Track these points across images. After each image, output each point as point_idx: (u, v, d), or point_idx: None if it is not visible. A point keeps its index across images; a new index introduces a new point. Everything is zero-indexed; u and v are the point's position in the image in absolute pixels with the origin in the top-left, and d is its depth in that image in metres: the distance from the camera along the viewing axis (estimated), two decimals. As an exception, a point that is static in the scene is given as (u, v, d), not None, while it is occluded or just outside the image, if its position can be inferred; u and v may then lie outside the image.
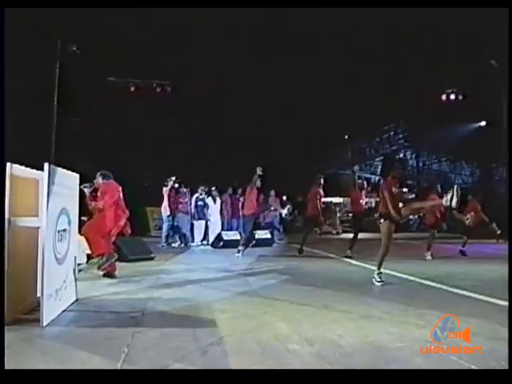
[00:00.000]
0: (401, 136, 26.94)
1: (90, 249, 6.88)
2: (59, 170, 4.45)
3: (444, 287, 6.23)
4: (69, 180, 4.94)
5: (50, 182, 4.10)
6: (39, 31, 16.04)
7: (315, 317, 4.54)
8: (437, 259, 10.04)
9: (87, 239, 6.75)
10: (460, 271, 8.02)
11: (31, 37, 16.15)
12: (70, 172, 4.98)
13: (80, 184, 5.69)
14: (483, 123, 20.66)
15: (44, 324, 4.00)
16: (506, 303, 4.89)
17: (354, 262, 9.35)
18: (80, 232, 7.84)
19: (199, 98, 20.50)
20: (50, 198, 4.11)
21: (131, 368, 3.07)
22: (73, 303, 5.02)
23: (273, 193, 14.45)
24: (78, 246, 8.40)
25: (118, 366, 3.10)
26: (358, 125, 25.26)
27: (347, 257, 9.88)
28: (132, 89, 19.38)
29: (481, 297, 5.49)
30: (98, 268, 6.64)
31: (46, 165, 4.08)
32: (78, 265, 8.25)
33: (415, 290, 6.29)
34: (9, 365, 3.01)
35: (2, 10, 4.90)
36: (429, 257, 10.13)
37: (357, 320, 4.38)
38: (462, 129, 21.63)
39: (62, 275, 4.67)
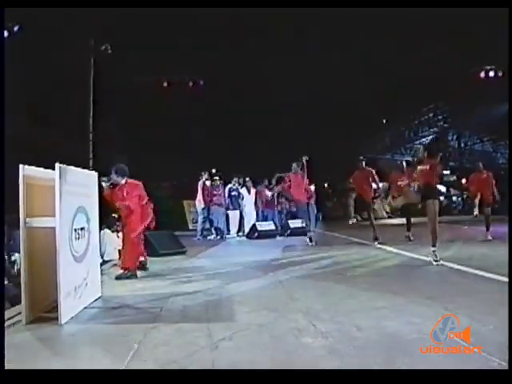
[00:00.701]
0: (440, 117, 26.07)
1: (121, 257, 7.09)
2: (73, 169, 4.48)
3: (476, 272, 5.96)
4: (85, 178, 4.98)
5: (62, 182, 4.13)
6: (68, 31, 16.20)
7: (337, 307, 4.42)
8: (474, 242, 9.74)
9: (124, 246, 6.95)
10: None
11: (60, 37, 16.31)
12: (85, 170, 5.02)
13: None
14: (525, 100, 19.67)
15: (62, 322, 4.05)
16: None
17: (388, 248, 9.10)
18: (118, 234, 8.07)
19: (233, 91, 20.39)
20: (64, 198, 4.15)
21: (137, 366, 3.06)
22: (96, 300, 5.07)
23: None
24: (109, 242, 8.74)
25: (125, 363, 3.10)
26: (395, 108, 24.62)
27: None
28: (165, 84, 19.50)
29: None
30: (116, 278, 6.61)
31: (57, 165, 4.09)
32: (109, 261, 8.52)
33: (446, 276, 6.04)
34: (17, 363, 3.05)
35: (2, 10, 4.96)
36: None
37: (379, 310, 4.23)
38: (503, 107, 20.67)
39: (82, 273, 4.72)
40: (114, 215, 8.94)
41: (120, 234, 9.00)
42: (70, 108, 17.58)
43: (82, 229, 4.71)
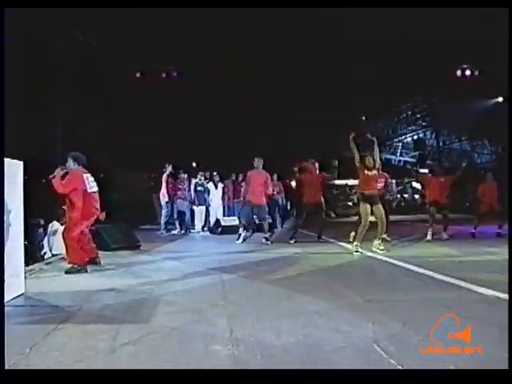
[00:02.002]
0: (418, 116, 25.97)
1: (66, 253, 6.73)
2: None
3: (429, 273, 5.70)
4: (5, 167, 4.56)
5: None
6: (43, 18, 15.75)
7: (267, 310, 4.12)
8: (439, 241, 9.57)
9: (64, 243, 6.67)
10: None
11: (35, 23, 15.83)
12: (8, 159, 4.61)
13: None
14: (500, 99, 19.64)
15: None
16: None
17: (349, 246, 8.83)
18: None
19: (204, 83, 20.07)
20: None
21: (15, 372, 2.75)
22: (16, 297, 4.70)
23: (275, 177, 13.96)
24: (58, 235, 8.32)
25: (6, 367, 2.82)
26: (374, 105, 24.47)
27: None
28: (137, 75, 19.08)
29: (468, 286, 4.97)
30: (66, 273, 6.31)
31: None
32: (57, 255, 8.13)
33: (398, 277, 5.77)
34: None
35: (2, 10, 4.74)
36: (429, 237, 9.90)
37: (311, 315, 3.93)
38: (480, 105, 20.60)
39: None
40: (64, 207, 8.55)
41: None
42: (43, 95, 17.08)
43: None
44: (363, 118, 26.80)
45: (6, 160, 4.60)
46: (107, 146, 18.81)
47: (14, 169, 4.82)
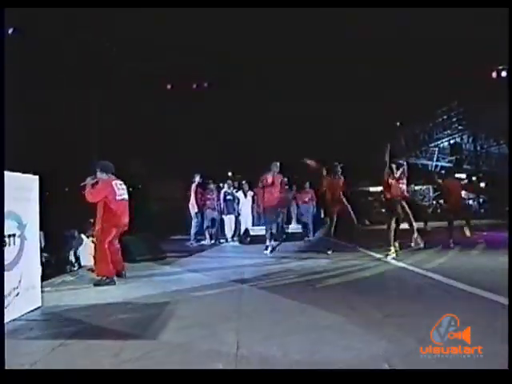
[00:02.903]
0: (454, 120, 25.27)
1: (94, 265, 6.81)
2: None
3: (459, 285, 5.40)
4: (18, 182, 4.61)
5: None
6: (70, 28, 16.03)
7: (279, 325, 3.98)
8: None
9: (94, 254, 6.83)
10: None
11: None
12: (21, 174, 4.66)
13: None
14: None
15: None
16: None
17: (376, 255, 8.59)
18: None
19: (234, 93, 20.09)
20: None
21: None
22: (32, 311, 4.70)
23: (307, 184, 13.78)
24: (84, 248, 8.39)
25: None
26: (409, 111, 23.98)
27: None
28: (168, 86, 19.25)
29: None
30: (95, 285, 6.32)
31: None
32: (83, 267, 8.16)
33: (427, 290, 5.49)
34: None
35: (2, 10, 4.83)
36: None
37: (322, 330, 3.77)
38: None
39: (11, 282, 4.35)
40: (90, 220, 8.62)
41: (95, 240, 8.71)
42: (73, 109, 17.41)
43: (12, 235, 4.38)
44: (398, 123, 26.30)
45: (21, 175, 4.65)
46: (143, 157, 19.01)
47: (29, 183, 4.85)
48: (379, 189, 23.69)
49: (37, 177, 4.99)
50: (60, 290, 6.10)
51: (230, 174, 20.20)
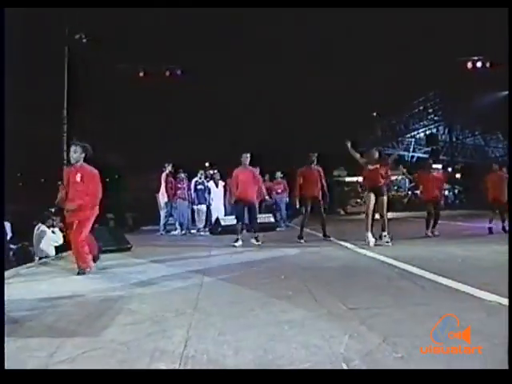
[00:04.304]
0: (430, 111, 25.31)
1: (76, 258, 6.31)
2: None
3: (429, 276, 5.20)
4: None
5: None
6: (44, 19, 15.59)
7: (235, 320, 3.71)
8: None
9: (74, 248, 6.32)
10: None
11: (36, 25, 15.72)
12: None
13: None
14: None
15: None
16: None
17: (349, 245, 8.42)
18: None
19: (207, 81, 19.70)
20: None
21: None
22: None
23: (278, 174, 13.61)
24: (44, 239, 8.02)
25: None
26: (385, 101, 23.92)
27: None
28: (141, 74, 18.78)
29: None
30: (78, 274, 6.08)
31: None
32: (45, 257, 7.83)
33: (396, 280, 5.27)
34: None
35: (2, 10, 4.75)
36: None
37: (281, 325, 3.50)
38: (493, 98, 19.85)
39: None
40: (50, 209, 8.26)
41: (56, 230, 8.34)
42: (45, 96, 16.97)
43: None
44: (374, 114, 26.22)
45: None
46: (119, 148, 18.61)
47: None
48: (355, 179, 23.73)
49: None
50: (11, 283, 5.75)
51: (206, 164, 19.88)
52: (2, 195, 3.96)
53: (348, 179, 23.81)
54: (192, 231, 12.88)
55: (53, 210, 8.23)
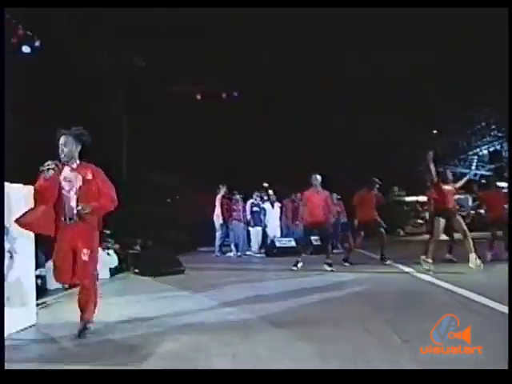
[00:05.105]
0: (493, 127, 24.23)
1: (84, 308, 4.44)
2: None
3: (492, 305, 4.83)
4: (6, 192, 4.28)
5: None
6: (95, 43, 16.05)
7: (279, 350, 3.54)
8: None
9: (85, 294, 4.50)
10: None
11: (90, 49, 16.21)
12: (9, 184, 4.34)
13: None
14: None
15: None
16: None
17: (407, 269, 8.03)
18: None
19: (263, 104, 19.70)
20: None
21: None
22: (25, 329, 4.45)
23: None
24: (100, 261, 8.12)
25: None
26: (446, 118, 23.17)
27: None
28: (198, 97, 19.08)
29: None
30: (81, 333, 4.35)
31: None
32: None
33: (444, 306, 4.90)
34: None
35: (2, 10, 4.83)
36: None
37: (327, 357, 3.30)
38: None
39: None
40: (105, 231, 8.39)
41: (111, 252, 8.46)
42: (102, 121, 17.38)
43: None
44: (434, 131, 25.41)
45: (10, 185, 4.38)
46: (174, 168, 18.80)
47: (17, 193, 4.47)
48: (415, 198, 22.98)
49: (28, 187, 4.46)
50: (63, 305, 5.83)
51: (265, 184, 19.72)
52: (2, 197, 4.01)
53: (407, 199, 23.11)
54: (247, 253, 12.76)
55: (108, 232, 8.38)
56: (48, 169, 4.14)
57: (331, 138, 21.52)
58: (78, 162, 4.41)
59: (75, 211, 4.24)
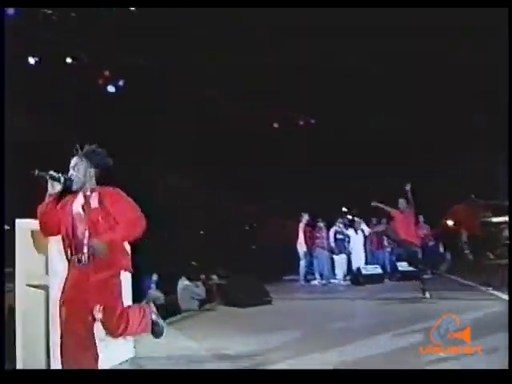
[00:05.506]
0: None
1: None
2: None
3: None
4: None
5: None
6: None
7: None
8: None
9: None
10: None
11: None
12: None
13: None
14: None
15: None
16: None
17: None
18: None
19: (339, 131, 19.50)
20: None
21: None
22: (124, 362, 4.58)
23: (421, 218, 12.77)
24: (188, 293, 8.29)
25: None
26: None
27: None
28: (276, 125, 19.23)
29: None
30: None
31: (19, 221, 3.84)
32: (187, 310, 8.06)
33: None
34: None
35: (2, 9, 5.01)
36: None
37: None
38: None
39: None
40: (193, 263, 8.65)
41: (199, 284, 8.62)
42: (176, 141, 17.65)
43: None
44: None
45: None
46: (251, 195, 18.73)
47: None
48: (503, 219, 21.44)
49: None
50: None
51: (344, 209, 19.41)
52: (2, 198, 3.89)
53: (495, 219, 21.71)
54: (332, 281, 12.56)
55: (194, 263, 8.61)
56: (52, 176, 3.26)
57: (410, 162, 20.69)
58: (93, 187, 3.44)
59: (85, 250, 3.30)
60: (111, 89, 13.89)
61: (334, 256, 12.82)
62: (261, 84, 17.33)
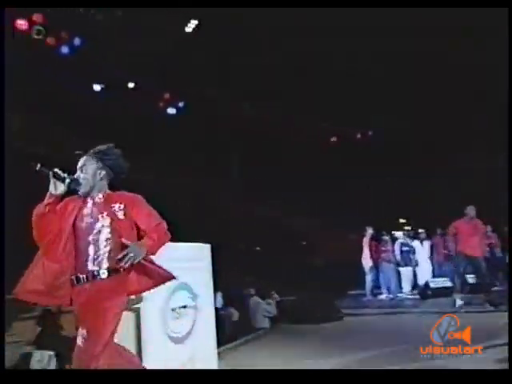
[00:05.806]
0: None
1: None
2: (173, 245, 3.81)
3: None
4: (191, 252, 4.72)
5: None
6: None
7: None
8: None
9: None
10: None
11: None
12: (191, 244, 4.73)
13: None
14: None
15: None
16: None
17: None
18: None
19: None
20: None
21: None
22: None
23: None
24: (257, 311, 8.12)
25: None
26: None
27: None
28: (333, 139, 18.67)
29: None
30: None
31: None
32: (260, 329, 7.92)
33: None
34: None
35: (2, 9, 4.96)
36: None
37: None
38: None
39: (182, 355, 4.20)
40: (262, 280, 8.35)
41: (271, 301, 8.48)
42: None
43: (183, 307, 4.42)
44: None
45: (192, 245, 4.72)
46: (304, 209, 18.15)
47: (202, 252, 4.87)
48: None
49: (208, 245, 4.92)
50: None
51: (402, 220, 18.88)
52: (2, 198, 3.88)
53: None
54: (399, 295, 12.22)
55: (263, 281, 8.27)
56: (56, 174, 2.77)
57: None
58: (104, 193, 2.97)
59: (90, 267, 2.79)
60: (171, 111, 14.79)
61: (400, 269, 12.54)
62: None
